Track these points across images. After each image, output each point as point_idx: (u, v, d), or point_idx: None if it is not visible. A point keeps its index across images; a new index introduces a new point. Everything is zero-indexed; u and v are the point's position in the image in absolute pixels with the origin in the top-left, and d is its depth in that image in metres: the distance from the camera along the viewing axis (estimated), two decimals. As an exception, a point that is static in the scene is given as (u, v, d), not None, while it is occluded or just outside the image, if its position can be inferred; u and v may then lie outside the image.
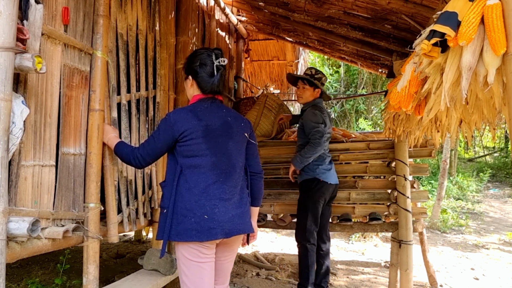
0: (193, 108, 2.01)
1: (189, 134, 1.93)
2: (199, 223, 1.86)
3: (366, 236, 6.45)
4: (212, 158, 1.95)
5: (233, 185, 2.00)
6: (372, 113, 11.56)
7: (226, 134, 2.03)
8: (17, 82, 1.66)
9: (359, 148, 3.95)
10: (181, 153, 1.95)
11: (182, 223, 1.87)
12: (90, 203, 2.11)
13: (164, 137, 1.95)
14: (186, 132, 1.93)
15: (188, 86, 2.11)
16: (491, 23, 1.37)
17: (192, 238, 1.86)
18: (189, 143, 1.93)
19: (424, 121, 2.10)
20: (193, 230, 1.86)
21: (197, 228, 1.86)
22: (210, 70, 2.02)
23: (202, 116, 1.99)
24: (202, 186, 1.91)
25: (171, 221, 1.90)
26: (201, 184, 1.91)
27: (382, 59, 4.05)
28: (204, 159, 1.94)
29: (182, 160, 1.95)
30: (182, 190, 1.91)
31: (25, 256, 1.75)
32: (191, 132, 1.93)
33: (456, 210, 8.78)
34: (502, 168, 13.74)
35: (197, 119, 1.97)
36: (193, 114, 1.98)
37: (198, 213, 1.87)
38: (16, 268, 4.06)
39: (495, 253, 5.93)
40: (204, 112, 2.00)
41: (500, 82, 1.50)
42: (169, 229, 1.89)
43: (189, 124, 1.94)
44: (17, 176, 1.68)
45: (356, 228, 3.94)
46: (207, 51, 2.06)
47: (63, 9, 1.91)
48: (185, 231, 1.86)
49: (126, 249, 5.06)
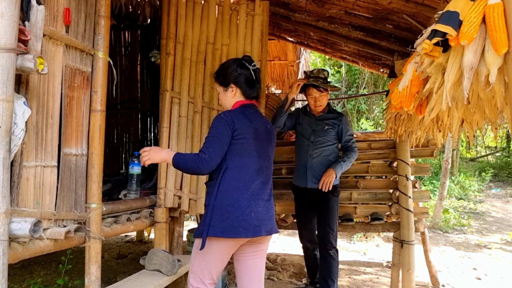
0: (242, 111, 2.12)
1: (242, 133, 2.05)
2: (247, 220, 1.97)
3: (368, 236, 6.44)
4: (259, 160, 2.10)
5: (270, 187, 2.17)
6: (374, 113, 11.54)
7: (268, 139, 2.19)
8: (19, 83, 1.66)
9: (360, 148, 3.94)
10: (231, 151, 2.04)
11: (227, 219, 1.96)
12: (91, 204, 2.12)
13: (226, 133, 2.02)
14: (240, 130, 2.04)
15: (230, 95, 2.18)
16: (493, 22, 1.37)
17: (240, 234, 1.96)
18: (242, 142, 2.04)
19: (425, 120, 2.10)
20: (240, 227, 1.96)
21: (244, 226, 1.96)
22: (250, 75, 2.16)
23: (252, 119, 2.13)
24: (249, 185, 2.03)
25: (215, 218, 1.97)
26: (248, 183, 2.03)
27: (384, 59, 4.05)
28: (252, 160, 2.07)
29: (231, 158, 2.03)
30: (228, 187, 2.00)
31: (27, 257, 1.75)
32: (244, 131, 2.05)
33: (458, 210, 8.75)
34: (504, 167, 13.70)
35: (248, 120, 2.10)
36: (244, 116, 2.10)
37: (246, 211, 1.98)
38: (18, 268, 4.06)
39: (497, 253, 5.91)
40: (252, 115, 2.14)
41: (501, 81, 1.50)
42: (213, 225, 1.95)
43: (243, 124, 2.06)
44: (19, 176, 1.68)
45: (358, 228, 3.94)
46: (239, 60, 2.21)
47: (64, 10, 1.91)
48: (232, 228, 1.95)
49: (128, 249, 5.06)
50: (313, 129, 3.37)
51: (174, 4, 2.99)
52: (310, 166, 3.32)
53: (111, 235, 2.48)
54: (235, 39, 3.05)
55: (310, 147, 3.34)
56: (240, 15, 3.06)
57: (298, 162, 3.47)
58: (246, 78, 2.15)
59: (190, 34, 3.01)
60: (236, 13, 3.06)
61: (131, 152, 4.45)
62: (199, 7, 3.01)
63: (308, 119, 3.42)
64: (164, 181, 2.94)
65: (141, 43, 4.48)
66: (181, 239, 3.27)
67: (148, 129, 4.57)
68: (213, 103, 3.02)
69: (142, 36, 4.48)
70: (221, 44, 3.04)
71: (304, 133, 3.42)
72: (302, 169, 3.38)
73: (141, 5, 4.10)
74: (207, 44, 3.04)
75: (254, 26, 3.04)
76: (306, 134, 3.39)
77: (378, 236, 6.48)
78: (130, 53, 4.54)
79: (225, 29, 3.04)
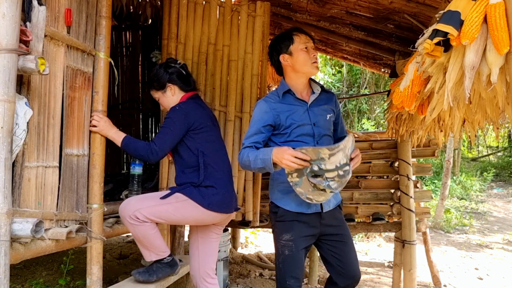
0: (194, 101, 2.32)
1: (203, 122, 2.26)
2: (228, 197, 2.30)
3: (369, 236, 6.44)
4: (222, 143, 2.42)
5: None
6: (375, 113, 11.53)
7: (218, 124, 2.47)
8: (21, 84, 1.67)
9: (362, 148, 3.94)
10: (200, 139, 2.26)
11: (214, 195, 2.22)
12: (93, 204, 2.12)
13: (180, 126, 2.21)
14: (200, 119, 2.25)
15: (170, 95, 2.36)
16: (494, 22, 1.36)
17: (222, 210, 2.25)
18: (206, 129, 2.27)
19: (427, 120, 2.09)
20: (224, 203, 2.26)
21: (226, 202, 2.28)
22: (180, 71, 2.36)
23: (204, 107, 2.37)
24: (225, 166, 2.35)
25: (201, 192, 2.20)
26: (224, 164, 2.35)
27: (385, 59, 4.04)
28: (218, 144, 2.36)
29: (203, 145, 2.25)
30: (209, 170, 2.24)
31: (29, 257, 1.76)
32: (204, 119, 2.27)
33: (460, 210, 8.74)
34: (505, 167, 13.67)
35: (202, 108, 2.33)
36: (198, 105, 2.31)
37: (228, 190, 2.31)
38: (20, 269, 4.07)
39: (499, 252, 5.90)
40: (203, 103, 2.40)
41: (503, 81, 1.49)
42: (199, 196, 2.19)
43: (200, 113, 2.27)
44: (21, 177, 1.68)
45: (359, 228, 3.93)
46: (164, 63, 2.42)
47: (65, 10, 1.91)
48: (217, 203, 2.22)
49: (130, 249, 5.07)
50: (313, 122, 2.17)
51: (175, 5, 2.99)
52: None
53: (113, 235, 2.48)
54: (236, 40, 3.05)
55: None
56: (241, 16, 3.06)
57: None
58: (177, 74, 2.34)
59: (191, 35, 3.02)
60: (237, 14, 3.06)
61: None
62: (200, 7, 3.01)
63: (300, 109, 2.17)
64: (165, 182, 2.94)
65: (142, 43, 4.49)
66: (183, 239, 3.27)
67: (149, 129, 4.57)
68: (214, 104, 3.02)
69: (143, 36, 4.49)
70: (222, 45, 3.04)
71: (305, 131, 2.17)
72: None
73: (142, 6, 4.10)
74: (208, 45, 3.04)
75: (255, 27, 3.04)
76: (308, 131, 2.16)
77: (379, 236, 6.47)
78: (131, 53, 4.55)
79: (226, 30, 3.04)
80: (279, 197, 2.17)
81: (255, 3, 3.04)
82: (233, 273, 4.23)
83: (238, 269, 4.38)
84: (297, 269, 2.11)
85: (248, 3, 3.04)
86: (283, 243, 2.11)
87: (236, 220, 3.12)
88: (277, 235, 2.16)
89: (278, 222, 2.16)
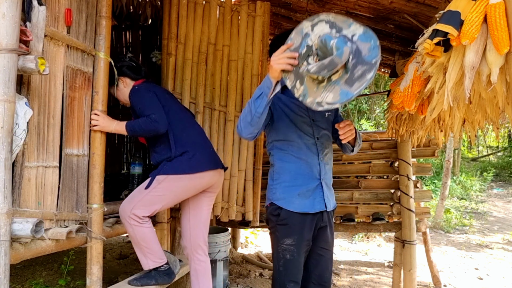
0: (148, 82, 2.44)
1: (164, 96, 2.35)
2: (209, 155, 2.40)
3: (369, 236, 6.44)
4: (187, 112, 2.56)
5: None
6: (375, 113, 11.53)
7: (177, 100, 2.62)
8: (21, 84, 1.67)
9: (362, 148, 3.94)
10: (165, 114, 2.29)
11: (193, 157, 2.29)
12: (93, 204, 2.12)
13: (153, 96, 2.29)
14: (160, 95, 2.33)
15: (122, 87, 2.42)
16: (494, 22, 1.36)
17: (204, 168, 2.31)
18: (170, 103, 2.35)
19: (427, 120, 2.09)
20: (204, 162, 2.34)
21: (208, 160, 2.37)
22: (129, 63, 2.45)
23: (157, 84, 2.55)
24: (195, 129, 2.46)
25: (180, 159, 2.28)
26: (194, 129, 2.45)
27: (385, 59, 4.04)
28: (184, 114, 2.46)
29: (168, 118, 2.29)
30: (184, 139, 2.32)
31: (29, 257, 1.76)
32: (165, 95, 2.39)
33: (460, 210, 8.74)
34: (505, 167, 13.67)
35: (158, 87, 2.44)
36: (152, 84, 2.44)
37: (207, 148, 2.43)
38: (20, 269, 4.07)
39: (499, 252, 5.90)
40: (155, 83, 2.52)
41: (503, 81, 1.49)
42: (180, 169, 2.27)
43: (157, 89, 2.38)
44: (21, 177, 1.68)
45: (359, 228, 3.93)
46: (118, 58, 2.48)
47: (65, 10, 1.91)
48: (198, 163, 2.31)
49: (130, 249, 5.06)
50: (312, 118, 2.14)
51: (175, 5, 2.99)
52: (324, 178, 2.13)
53: (113, 235, 2.48)
54: (236, 39, 3.05)
55: (319, 147, 2.13)
56: (241, 16, 3.06)
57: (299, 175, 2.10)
58: (127, 66, 2.41)
59: (191, 35, 3.02)
60: (237, 14, 3.06)
61: (132, 152, 4.45)
62: (200, 7, 3.01)
63: (297, 104, 2.13)
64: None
65: (142, 43, 4.48)
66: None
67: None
68: (215, 104, 3.02)
69: (143, 36, 4.48)
70: (222, 44, 3.04)
71: (304, 127, 2.13)
72: (311, 183, 2.09)
73: (142, 6, 4.09)
74: (208, 45, 3.04)
75: (255, 27, 3.04)
76: (307, 128, 2.13)
77: (379, 236, 6.47)
78: (131, 53, 4.54)
79: (226, 30, 3.04)
80: (281, 197, 2.11)
81: (255, 3, 3.04)
82: (233, 273, 4.23)
83: (238, 269, 4.38)
84: (297, 273, 2.07)
85: (248, 3, 3.04)
86: (284, 247, 2.07)
87: (236, 220, 3.12)
88: (278, 239, 2.09)
89: (280, 225, 2.09)
